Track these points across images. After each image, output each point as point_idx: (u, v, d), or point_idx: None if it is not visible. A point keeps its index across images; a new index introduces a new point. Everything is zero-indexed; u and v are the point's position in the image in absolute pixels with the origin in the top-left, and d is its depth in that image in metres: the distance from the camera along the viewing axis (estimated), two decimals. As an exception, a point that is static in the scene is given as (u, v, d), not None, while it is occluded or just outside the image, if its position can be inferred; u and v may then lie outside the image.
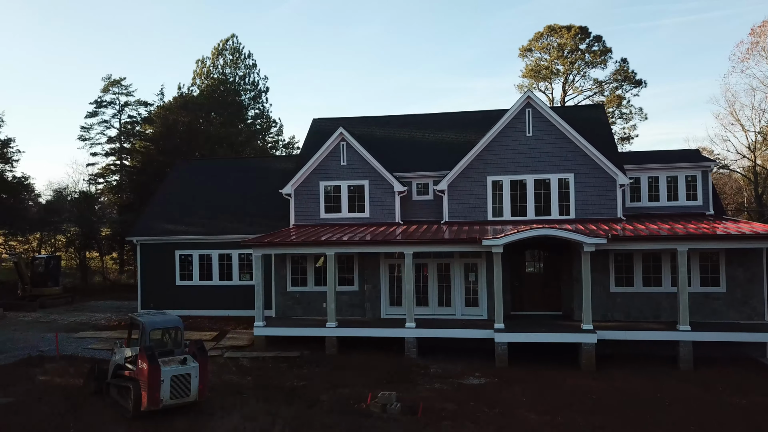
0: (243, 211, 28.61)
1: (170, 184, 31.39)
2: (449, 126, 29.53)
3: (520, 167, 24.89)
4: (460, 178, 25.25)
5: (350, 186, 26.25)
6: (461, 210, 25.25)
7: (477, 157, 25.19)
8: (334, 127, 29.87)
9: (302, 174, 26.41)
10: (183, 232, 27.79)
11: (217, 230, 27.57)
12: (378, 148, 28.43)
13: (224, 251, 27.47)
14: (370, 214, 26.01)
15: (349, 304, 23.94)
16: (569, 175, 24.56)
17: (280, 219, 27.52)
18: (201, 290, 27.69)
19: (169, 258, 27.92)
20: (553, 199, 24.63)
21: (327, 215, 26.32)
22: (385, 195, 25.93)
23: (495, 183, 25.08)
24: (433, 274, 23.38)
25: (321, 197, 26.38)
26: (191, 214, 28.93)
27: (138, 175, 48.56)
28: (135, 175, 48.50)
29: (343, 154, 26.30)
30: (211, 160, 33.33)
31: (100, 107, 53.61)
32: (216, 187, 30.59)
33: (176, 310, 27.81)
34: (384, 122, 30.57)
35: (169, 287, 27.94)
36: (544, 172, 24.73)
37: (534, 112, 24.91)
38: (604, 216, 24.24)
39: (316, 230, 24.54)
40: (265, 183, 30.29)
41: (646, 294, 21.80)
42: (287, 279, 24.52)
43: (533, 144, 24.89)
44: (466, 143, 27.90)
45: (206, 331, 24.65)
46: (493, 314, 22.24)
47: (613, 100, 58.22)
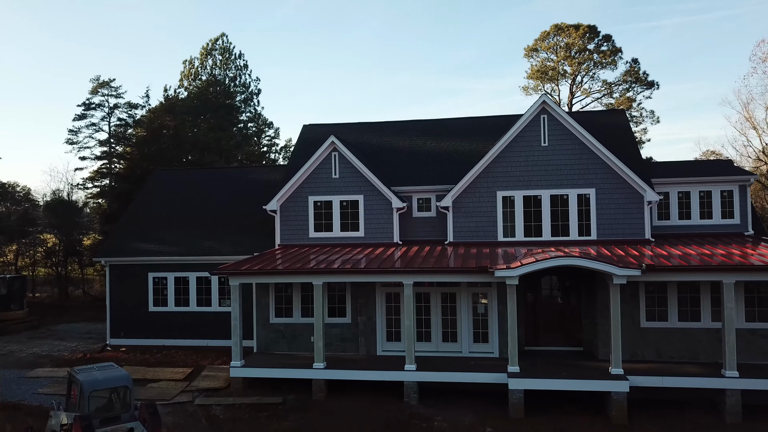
0: (225, 228, 25.73)
1: (146, 197, 28.51)
2: (453, 133, 26.65)
3: (534, 181, 22.02)
4: (466, 193, 22.38)
5: (343, 201, 23.37)
6: (468, 229, 22.37)
7: (485, 170, 22.31)
8: (325, 135, 27.00)
9: (289, 188, 23.53)
10: (157, 252, 24.91)
11: (196, 250, 24.70)
12: (374, 159, 25.56)
13: (203, 274, 24.59)
14: (365, 233, 23.14)
15: (340, 338, 21.04)
16: (590, 191, 21.68)
17: (266, 237, 24.64)
18: (177, 317, 24.82)
19: (142, 281, 25.05)
20: (571, 217, 21.76)
21: (317, 234, 23.44)
22: (382, 212, 23.06)
23: (506, 199, 22.21)
24: (437, 305, 20.48)
25: (310, 214, 23.50)
26: (167, 231, 26.06)
27: (121, 182, 45.70)
28: (117, 183, 45.62)
29: (334, 166, 23.43)
30: (192, 169, 30.50)
31: (89, 110, 51.40)
32: (196, 199, 27.72)
33: (149, 339, 25.07)
34: (380, 129, 27.69)
35: (142, 313, 25.07)
36: (562, 187, 21.85)
37: (550, 119, 22.04)
38: (629, 237, 21.37)
39: (303, 253, 21.66)
40: (250, 196, 27.40)
41: (682, 330, 18.90)
42: (270, 309, 21.63)
43: (549, 155, 22.02)
44: (472, 153, 25.04)
45: (179, 367, 21.75)
46: (506, 351, 19.39)
47: (624, 102, 55.32)
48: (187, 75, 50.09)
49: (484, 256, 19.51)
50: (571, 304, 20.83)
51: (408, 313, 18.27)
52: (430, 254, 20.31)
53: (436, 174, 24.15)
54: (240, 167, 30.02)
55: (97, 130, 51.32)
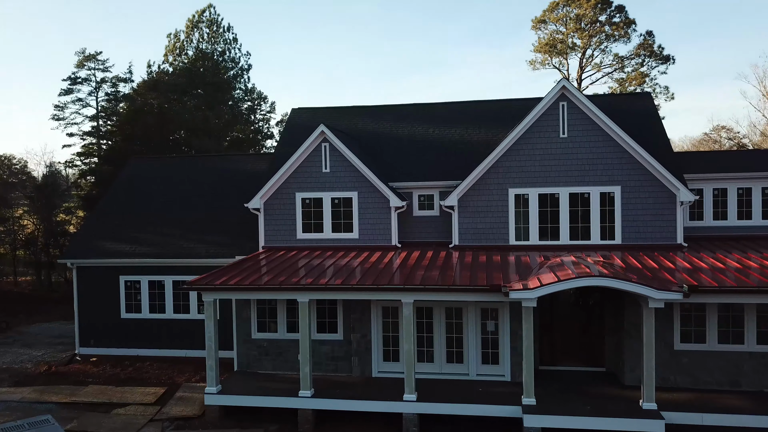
0: (205, 226, 23.15)
1: (118, 189, 25.86)
2: (460, 119, 23.89)
3: (551, 177, 19.39)
4: (474, 190, 19.78)
5: (334, 199, 20.76)
6: (475, 231, 19.82)
7: (496, 165, 19.67)
8: (316, 120, 24.31)
9: (274, 183, 20.89)
10: (129, 253, 22.37)
11: (172, 252, 22.16)
12: (370, 148, 22.88)
13: (180, 277, 22.11)
14: (360, 235, 20.59)
15: (330, 357, 18.64)
16: (615, 189, 19.07)
17: (250, 237, 22.12)
18: (152, 325, 22.41)
19: (112, 285, 22.58)
20: (593, 218, 19.19)
21: (305, 235, 20.88)
22: (379, 211, 20.47)
23: (519, 197, 19.61)
24: (440, 322, 18.03)
25: (298, 213, 20.91)
26: (141, 229, 23.48)
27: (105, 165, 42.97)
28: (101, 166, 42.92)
29: (325, 159, 20.76)
30: (169, 158, 27.81)
31: (75, 84, 48.86)
32: (173, 193, 25.09)
33: (122, 349, 22.75)
34: (378, 114, 24.92)
35: (113, 320, 22.66)
36: (583, 184, 19.24)
37: (570, 106, 19.30)
38: (659, 241, 18.83)
39: (289, 259, 19.14)
40: (233, 188, 24.79)
41: (722, 353, 16.47)
42: (252, 323, 19.18)
43: (568, 148, 19.35)
44: (481, 143, 22.34)
45: (151, 387, 19.39)
46: (518, 374, 17.03)
47: (637, 77, 52.24)
48: (172, 50, 46.92)
49: (495, 266, 16.99)
50: (593, 320, 18.37)
51: (407, 336, 15.82)
52: (433, 262, 17.80)
53: (440, 167, 21.50)
54: (223, 155, 27.32)
55: (85, 106, 49.12)
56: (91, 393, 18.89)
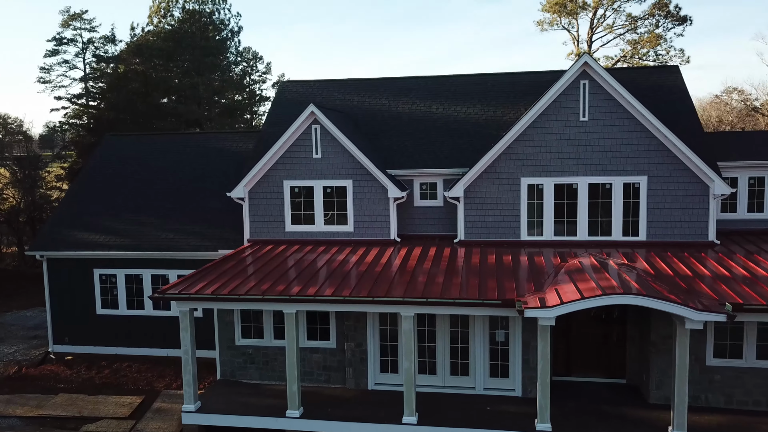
0: (186, 215, 21.13)
1: (92, 170, 23.72)
2: (466, 95, 21.58)
3: (569, 166, 17.30)
4: (482, 179, 17.71)
5: (327, 188, 18.70)
6: (484, 225, 17.83)
7: (507, 151, 17.54)
8: (307, 95, 22.13)
9: (260, 169, 18.80)
10: (103, 244, 20.42)
11: (150, 244, 20.20)
12: (367, 129, 20.68)
13: (159, 271, 20.24)
14: (355, 228, 18.60)
15: (322, 366, 16.89)
16: (641, 179, 17.00)
17: (235, 227, 20.16)
18: (130, 322, 20.64)
19: (86, 279, 20.72)
20: (615, 212, 17.18)
21: (295, 227, 18.90)
22: (376, 201, 18.44)
23: (532, 188, 17.55)
24: (444, 330, 16.19)
25: (286, 203, 18.88)
26: (116, 217, 21.46)
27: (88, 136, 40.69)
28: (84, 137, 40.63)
29: (315, 143, 18.60)
30: (148, 135, 25.56)
31: (61, 45, 46.43)
32: (151, 176, 22.97)
33: (99, 347, 21.06)
34: (376, 88, 22.59)
35: (89, 317, 20.89)
36: (604, 174, 17.16)
37: (592, 85, 17.05)
38: (688, 238, 16.88)
39: (276, 257, 17.19)
40: (217, 171, 22.68)
41: (760, 370, 14.67)
42: (235, 328, 17.37)
43: (590, 132, 17.19)
44: (490, 123, 20.14)
45: (127, 395, 17.73)
46: (530, 389, 15.32)
47: (651, 40, 49.28)
48: (157, 11, 43.92)
49: (506, 270, 15.06)
50: (613, 327, 16.53)
51: (407, 352, 14.00)
52: (437, 264, 15.88)
53: (444, 152, 19.35)
54: (206, 133, 25.10)
55: (72, 68, 46.81)
56: (61, 404, 17.23)
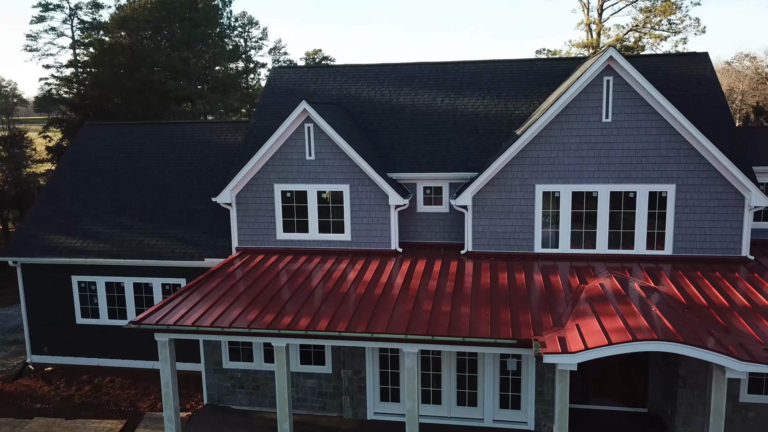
0: (170, 217, 19.52)
1: (70, 164, 21.98)
2: (472, 84, 19.72)
3: (588, 172, 15.64)
4: (492, 185, 16.08)
5: (321, 193, 17.06)
6: (493, 235, 16.27)
7: (521, 155, 15.86)
8: (300, 83, 20.30)
9: (247, 172, 17.14)
10: (81, 250, 18.88)
11: (131, 250, 18.66)
12: (366, 123, 18.92)
13: (141, 279, 18.78)
14: (353, 236, 17.04)
15: (317, 393, 15.55)
16: (668, 187, 15.36)
17: (222, 232, 18.63)
18: (112, 332, 19.26)
19: (64, 286, 19.27)
20: (638, 223, 15.60)
21: (287, 236, 17.34)
22: (376, 208, 16.83)
23: (547, 195, 15.93)
24: (451, 356, 14.79)
25: (277, 208, 17.27)
26: (95, 218, 19.86)
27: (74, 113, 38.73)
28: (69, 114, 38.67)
29: (309, 143, 16.89)
30: (131, 125, 23.70)
31: (47, 10, 44.29)
32: (133, 171, 21.25)
33: (80, 358, 19.77)
34: (375, 76, 20.69)
35: (68, 326, 19.51)
36: (628, 181, 15.52)
37: (617, 82, 15.25)
38: (718, 252, 15.36)
39: (265, 274, 15.66)
40: (204, 166, 20.99)
41: (799, 406, 13.34)
42: (223, 350, 15.97)
43: (613, 135, 15.47)
44: (499, 117, 18.37)
45: (106, 420, 16.42)
46: (545, 423, 14.02)
47: (666, 8, 46.80)
48: (143, -22, 41.34)
49: (520, 296, 13.56)
50: (634, 351, 15.10)
51: (410, 392, 12.60)
52: (443, 282, 14.40)
53: (450, 152, 17.64)
54: (193, 123, 23.28)
55: (59, 35, 44.69)
56: (35, 431, 15.96)
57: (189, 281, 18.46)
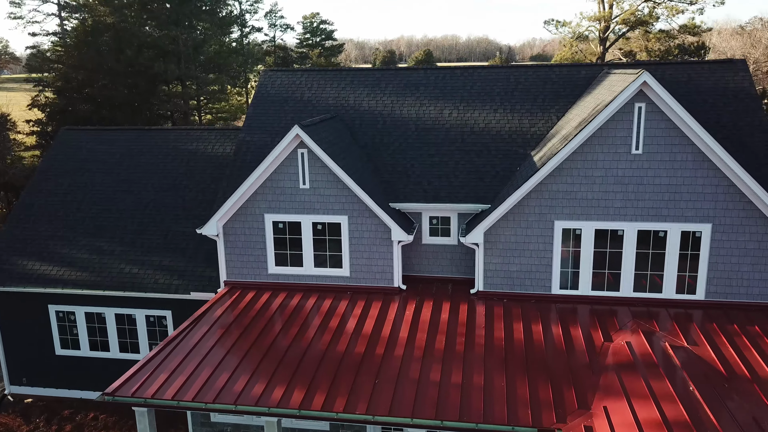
0: (154, 240, 17.95)
1: (45, 177, 20.26)
2: (483, 94, 17.86)
3: (614, 208, 14.04)
4: (507, 221, 14.51)
5: (317, 224, 15.48)
6: (507, 274, 14.78)
7: (539, 188, 14.23)
8: (295, 89, 18.63)
9: (235, 201, 15.52)
10: (57, 279, 17.41)
11: (111, 280, 17.17)
12: (366, 138, 17.22)
13: (124, 310, 17.37)
14: (351, 272, 15.54)
15: (314, 450, 14.35)
16: (703, 227, 13.79)
17: (210, 259, 17.15)
18: (94, 365, 17.98)
19: (41, 316, 17.89)
20: (668, 265, 14.09)
21: (280, 269, 15.84)
22: (377, 242, 15.28)
23: (568, 233, 14.37)
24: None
25: (269, 240, 15.73)
26: (73, 241, 18.32)
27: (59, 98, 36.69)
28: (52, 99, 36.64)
29: (302, 171, 15.22)
30: (112, 131, 21.80)
31: None
32: (114, 184, 19.58)
33: (61, 390, 18.54)
34: (376, 82, 18.82)
35: (47, 357, 18.22)
36: (658, 219, 13.93)
37: (650, 110, 13.51)
38: (755, 298, 13.93)
39: (257, 319, 14.23)
40: (192, 181, 19.33)
41: None
42: (210, 404, 14.66)
43: (643, 168, 13.81)
44: (513, 135, 16.65)
45: (88, 470, 15.29)
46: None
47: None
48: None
49: (538, 358, 12.17)
50: None
51: (416, 472, 11.34)
52: (452, 336, 13.03)
53: (459, 175, 15.98)
54: (178, 130, 21.42)
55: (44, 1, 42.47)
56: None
57: (175, 314, 17.10)
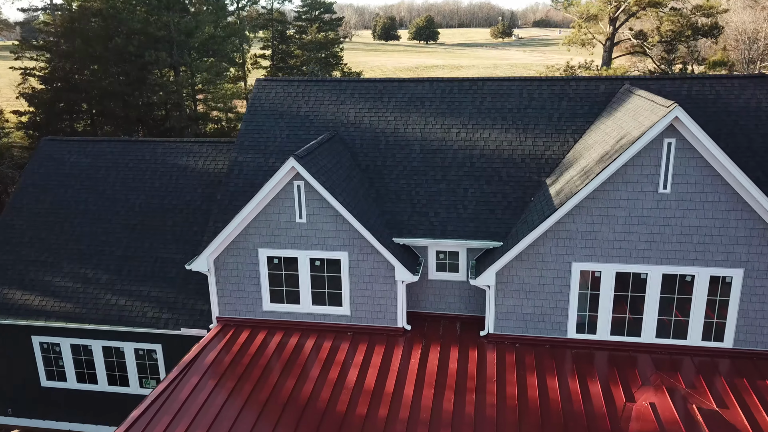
0: (141, 267, 16.83)
1: (26, 193, 19.03)
2: (495, 112, 16.55)
3: (638, 250, 12.94)
4: (520, 261, 13.43)
5: (315, 260, 14.38)
6: (520, 316, 13.76)
7: (556, 227, 13.09)
8: (291, 102, 17.46)
9: (226, 236, 14.38)
10: (40, 311, 16.35)
11: (97, 312, 16.12)
12: (368, 160, 16.03)
13: (111, 343, 16.38)
14: (352, 311, 14.51)
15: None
16: (734, 272, 12.71)
17: (201, 290, 16.09)
18: (82, 397, 17.09)
19: (24, 347, 16.91)
20: (695, 311, 13.06)
21: (275, 306, 14.81)
22: (380, 280, 14.20)
23: (586, 275, 13.29)
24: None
25: (263, 276, 14.65)
26: (55, 266, 17.21)
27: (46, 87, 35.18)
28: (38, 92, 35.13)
29: (299, 204, 14.05)
30: (96, 142, 20.37)
31: None
32: (98, 203, 18.36)
33: (48, 421, 17.63)
34: (379, 96, 17.46)
35: (33, 388, 17.30)
36: (685, 263, 12.84)
37: (681, 146, 12.29)
38: (788, 347, 12.89)
39: (251, 369, 13.24)
40: (182, 201, 18.13)
41: None
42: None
43: (671, 208, 12.65)
44: (527, 160, 15.42)
45: None
46: None
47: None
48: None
49: (555, 421, 11.22)
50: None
51: None
52: (461, 390, 12.07)
53: (469, 206, 14.81)
54: (166, 142, 20.00)
55: None
56: None
57: (165, 348, 16.14)
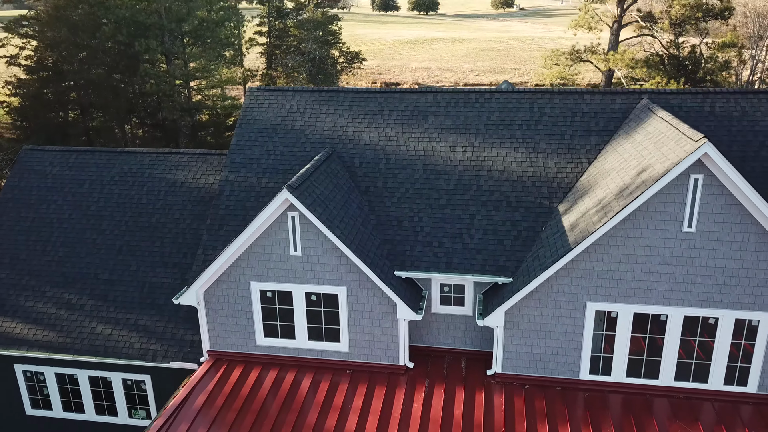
0: (127, 293, 15.91)
1: (5, 207, 17.91)
2: (503, 128, 15.46)
3: (658, 291, 12.05)
4: (531, 299, 12.55)
5: (311, 295, 13.47)
6: (530, 357, 12.94)
7: (570, 265, 12.18)
8: (285, 114, 16.51)
9: (216, 269, 13.45)
10: (22, 340, 15.46)
11: (82, 342, 15.24)
12: (367, 181, 15.03)
13: (98, 373, 15.56)
14: (351, 347, 13.66)
15: None
16: (761, 316, 11.85)
17: (190, 320, 15.20)
18: (68, 427, 16.32)
19: (7, 375, 16.08)
20: (717, 355, 12.23)
21: (269, 341, 13.95)
22: (380, 316, 13.33)
23: (601, 315, 12.42)
24: None
25: (256, 310, 13.76)
26: (38, 290, 16.27)
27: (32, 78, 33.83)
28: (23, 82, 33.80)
29: (294, 237, 13.08)
30: (80, 152, 19.20)
31: None
32: (82, 220, 17.31)
33: (35, 450, 16.86)
34: (379, 108, 16.34)
35: (17, 418, 16.53)
36: (709, 305, 11.97)
37: (708, 183, 11.29)
38: (816, 392, 12.09)
39: (245, 410, 12.43)
40: (170, 219, 17.12)
41: None
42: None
43: (696, 247, 11.73)
44: (538, 183, 14.43)
45: None
46: None
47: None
48: None
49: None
50: None
51: None
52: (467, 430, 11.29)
53: (475, 235, 13.85)
54: (154, 153, 18.75)
55: None
56: None
57: (154, 379, 15.31)
